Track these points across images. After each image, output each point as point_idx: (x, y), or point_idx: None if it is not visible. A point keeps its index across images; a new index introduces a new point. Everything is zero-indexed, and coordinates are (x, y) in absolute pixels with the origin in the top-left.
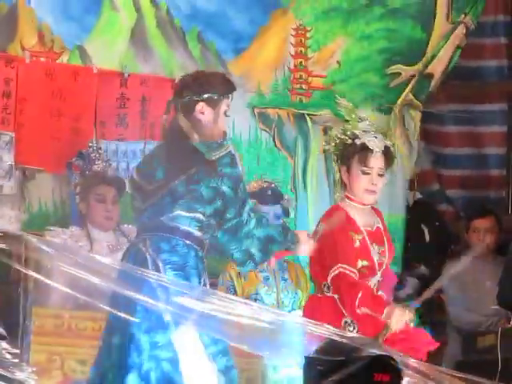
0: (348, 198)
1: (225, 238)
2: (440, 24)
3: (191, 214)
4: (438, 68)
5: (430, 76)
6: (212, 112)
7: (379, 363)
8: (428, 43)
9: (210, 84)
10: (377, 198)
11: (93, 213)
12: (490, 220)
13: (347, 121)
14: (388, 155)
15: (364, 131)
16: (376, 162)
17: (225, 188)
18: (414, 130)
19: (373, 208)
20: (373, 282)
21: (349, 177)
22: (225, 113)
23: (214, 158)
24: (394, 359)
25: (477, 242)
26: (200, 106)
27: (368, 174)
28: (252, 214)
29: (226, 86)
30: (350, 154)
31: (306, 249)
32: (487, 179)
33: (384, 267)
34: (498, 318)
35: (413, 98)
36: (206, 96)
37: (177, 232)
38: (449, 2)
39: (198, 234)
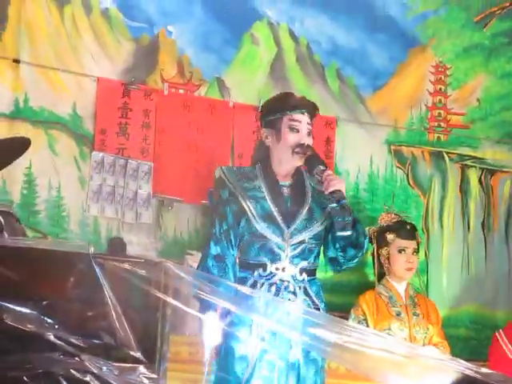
0: None
1: None
2: None
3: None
4: None
5: None
6: (274, 133)
7: None
8: None
9: (269, 108)
10: None
11: None
12: None
13: None
14: None
15: None
16: None
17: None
18: None
19: None
20: None
21: None
22: (290, 128)
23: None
24: None
25: None
26: (263, 132)
27: None
28: None
29: (283, 104)
30: None
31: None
32: None
33: None
34: None
35: None
36: (264, 121)
37: None
38: None
39: None
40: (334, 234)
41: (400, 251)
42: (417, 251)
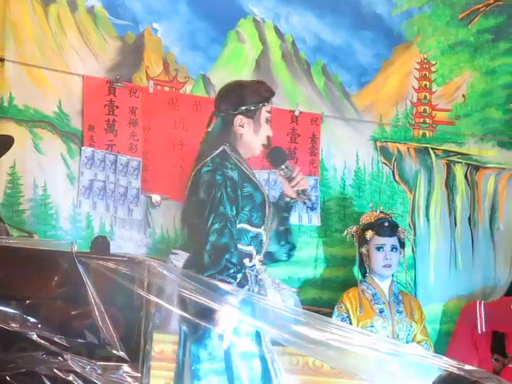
0: None
1: None
2: None
3: None
4: None
5: None
6: (252, 123)
7: None
8: None
9: (247, 95)
10: None
11: None
12: None
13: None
14: None
15: None
16: None
17: None
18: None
19: None
20: None
21: None
22: (266, 120)
23: None
24: None
25: None
26: (238, 119)
27: None
28: None
29: (263, 94)
30: None
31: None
32: None
33: None
34: None
35: None
36: (243, 108)
37: None
38: None
39: None
40: (279, 229)
41: (378, 248)
42: (396, 248)
